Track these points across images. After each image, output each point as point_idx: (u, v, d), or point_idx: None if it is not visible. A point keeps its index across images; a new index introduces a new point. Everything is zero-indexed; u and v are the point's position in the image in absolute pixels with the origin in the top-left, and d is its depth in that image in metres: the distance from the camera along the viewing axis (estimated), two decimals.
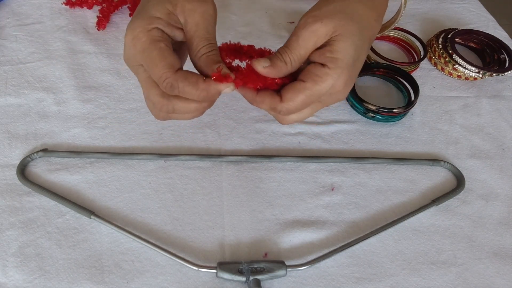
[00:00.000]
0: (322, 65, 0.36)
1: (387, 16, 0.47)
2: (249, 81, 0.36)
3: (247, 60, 0.39)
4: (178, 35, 0.37)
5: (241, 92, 0.38)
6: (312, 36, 0.36)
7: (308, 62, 0.38)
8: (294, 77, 0.38)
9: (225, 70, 0.35)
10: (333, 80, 0.36)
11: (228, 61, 0.38)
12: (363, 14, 0.37)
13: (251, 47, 0.40)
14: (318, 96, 0.37)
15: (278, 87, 0.38)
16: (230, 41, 0.39)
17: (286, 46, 0.37)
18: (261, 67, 0.35)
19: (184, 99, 0.36)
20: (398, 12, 0.54)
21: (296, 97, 0.36)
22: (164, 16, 0.35)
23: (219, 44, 0.38)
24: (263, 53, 0.39)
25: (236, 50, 0.39)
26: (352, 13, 0.37)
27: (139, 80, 0.37)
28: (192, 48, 0.36)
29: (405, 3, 0.52)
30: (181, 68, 0.35)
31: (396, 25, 0.57)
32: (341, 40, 0.36)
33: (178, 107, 0.36)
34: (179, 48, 0.39)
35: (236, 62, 0.39)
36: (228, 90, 0.35)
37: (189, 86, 0.34)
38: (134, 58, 0.35)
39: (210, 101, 0.37)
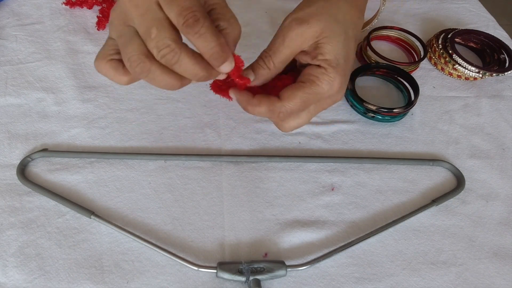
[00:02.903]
0: (318, 66, 0.37)
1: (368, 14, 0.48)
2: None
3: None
4: None
5: (235, 96, 0.37)
6: (299, 38, 0.36)
7: (300, 65, 0.39)
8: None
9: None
10: (331, 79, 0.36)
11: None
12: (347, 13, 0.38)
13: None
14: (316, 96, 0.37)
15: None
16: None
17: (270, 49, 0.38)
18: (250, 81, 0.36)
19: (164, 70, 0.31)
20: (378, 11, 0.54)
21: (294, 95, 0.36)
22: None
23: None
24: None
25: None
26: (336, 14, 0.37)
27: (119, 32, 0.32)
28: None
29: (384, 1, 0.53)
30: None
31: (374, 22, 0.58)
32: (327, 42, 0.36)
33: (155, 75, 0.32)
34: None
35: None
36: (221, 76, 0.34)
37: (189, 58, 0.31)
38: (126, 16, 0.32)
39: (183, 83, 0.33)
